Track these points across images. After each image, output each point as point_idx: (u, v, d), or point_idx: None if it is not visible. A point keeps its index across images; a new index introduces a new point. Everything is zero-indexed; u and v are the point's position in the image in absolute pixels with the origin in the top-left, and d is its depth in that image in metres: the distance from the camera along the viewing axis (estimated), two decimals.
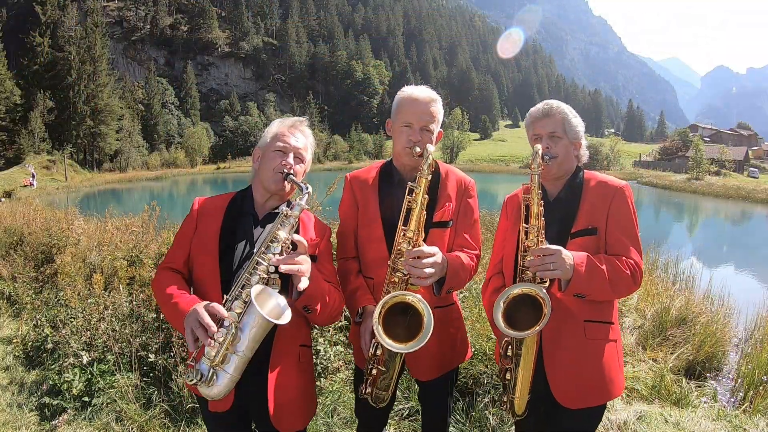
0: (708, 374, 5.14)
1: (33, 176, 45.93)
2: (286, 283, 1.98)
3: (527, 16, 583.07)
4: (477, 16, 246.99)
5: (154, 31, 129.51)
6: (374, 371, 2.17)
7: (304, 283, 1.91)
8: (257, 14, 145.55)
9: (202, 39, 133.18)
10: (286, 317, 1.85)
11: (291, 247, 1.96)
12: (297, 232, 2.04)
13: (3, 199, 26.05)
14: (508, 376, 2.18)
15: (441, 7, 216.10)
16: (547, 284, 2.08)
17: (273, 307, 1.87)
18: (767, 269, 15.05)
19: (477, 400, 3.61)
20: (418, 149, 2.18)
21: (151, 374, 3.85)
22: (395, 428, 3.51)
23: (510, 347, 2.16)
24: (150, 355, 3.87)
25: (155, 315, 4.09)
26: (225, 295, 1.91)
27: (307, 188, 2.03)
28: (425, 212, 2.11)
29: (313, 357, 3.68)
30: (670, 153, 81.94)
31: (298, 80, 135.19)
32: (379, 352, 2.12)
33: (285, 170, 2.08)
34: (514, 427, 2.67)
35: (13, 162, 55.47)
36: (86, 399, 3.67)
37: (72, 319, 4.52)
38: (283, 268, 1.88)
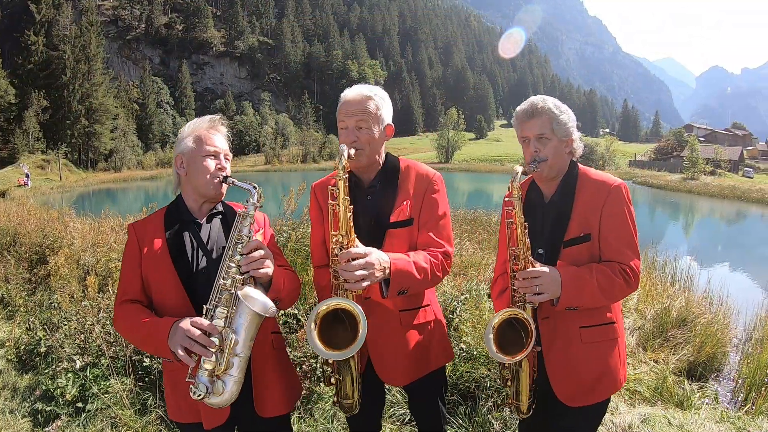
0: (709, 375, 5.11)
1: (27, 176, 45.67)
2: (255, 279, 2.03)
3: (526, 16, 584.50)
4: (472, 16, 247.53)
5: (149, 30, 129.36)
6: (332, 380, 2.19)
7: (269, 270, 1.97)
8: (252, 13, 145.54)
9: (197, 38, 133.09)
10: (274, 307, 1.92)
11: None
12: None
13: None
14: (509, 383, 2.28)
15: (436, 6, 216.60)
16: (536, 305, 2.13)
17: (260, 303, 1.91)
18: (763, 269, 15.08)
19: (480, 404, 3.55)
20: (353, 151, 2.11)
21: (146, 379, 3.78)
22: None
23: None
24: (145, 359, 3.80)
25: None
26: (204, 305, 1.91)
27: (255, 187, 2.03)
28: (350, 213, 2.04)
29: (313, 361, 3.65)
30: (665, 153, 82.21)
31: (294, 80, 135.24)
32: (330, 360, 2.11)
33: (222, 174, 2.09)
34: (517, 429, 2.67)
35: (7, 162, 55.28)
36: (80, 405, 3.59)
37: (66, 322, 4.44)
38: (252, 272, 1.94)
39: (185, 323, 1.85)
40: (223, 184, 2.08)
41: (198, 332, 1.82)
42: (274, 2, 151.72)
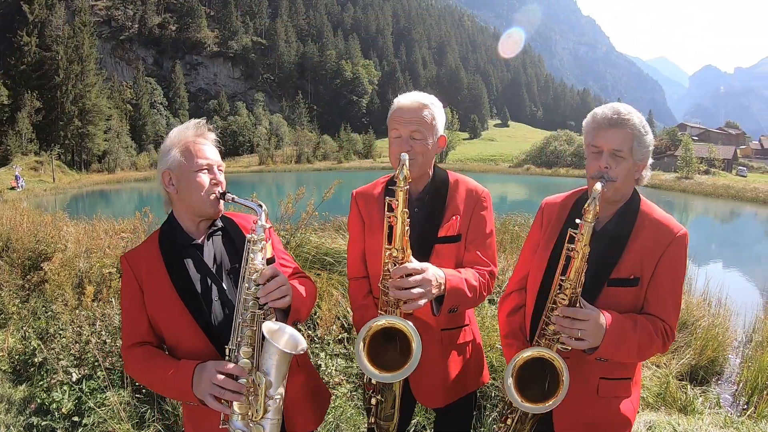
0: (711, 379, 5.10)
1: (17, 178, 45.33)
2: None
3: (522, 17, 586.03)
4: (466, 16, 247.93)
5: (143, 31, 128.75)
6: (373, 401, 2.09)
7: (288, 298, 1.79)
8: (246, 13, 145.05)
9: (190, 38, 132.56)
10: (304, 343, 1.74)
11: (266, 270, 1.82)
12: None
13: None
14: (508, 421, 2.06)
15: (430, 6, 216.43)
16: (570, 349, 1.88)
17: (287, 339, 1.73)
18: (759, 267, 15.17)
19: (485, 414, 3.50)
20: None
21: (144, 390, 3.70)
22: None
23: None
24: None
25: None
26: (227, 345, 1.75)
27: (261, 206, 1.84)
28: (408, 227, 1.92)
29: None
30: (658, 152, 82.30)
31: (287, 80, 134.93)
32: (373, 380, 2.01)
33: (219, 190, 1.89)
34: None
35: (0, 163, 55.00)
36: (76, 419, 3.51)
37: (61, 331, 4.35)
38: (271, 303, 1.76)
39: (209, 372, 1.69)
40: (221, 201, 1.90)
41: (225, 378, 1.68)
42: (267, 2, 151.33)
